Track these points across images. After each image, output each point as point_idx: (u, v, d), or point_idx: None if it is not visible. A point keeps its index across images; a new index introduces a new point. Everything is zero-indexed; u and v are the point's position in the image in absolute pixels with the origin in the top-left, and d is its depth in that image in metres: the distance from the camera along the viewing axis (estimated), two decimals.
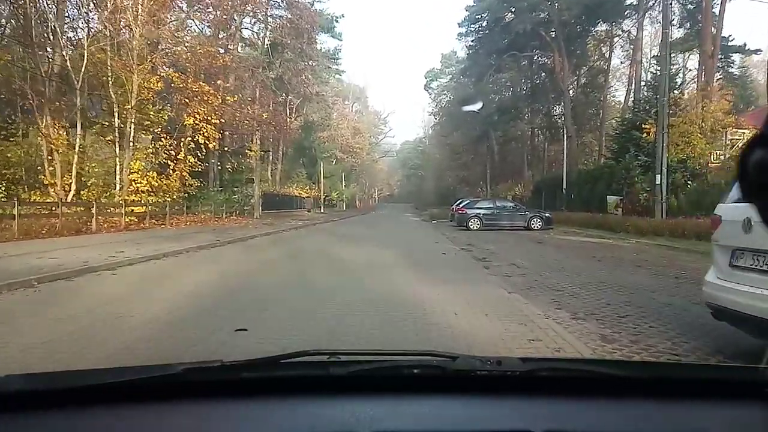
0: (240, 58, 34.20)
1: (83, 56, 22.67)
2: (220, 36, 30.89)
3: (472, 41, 40.99)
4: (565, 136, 34.46)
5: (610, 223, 20.30)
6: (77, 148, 18.36)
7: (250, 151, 30.21)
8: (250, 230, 19.63)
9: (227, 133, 33.19)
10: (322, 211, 53.60)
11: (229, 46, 33.11)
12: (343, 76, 69.42)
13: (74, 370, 1.36)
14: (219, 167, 35.13)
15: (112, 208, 19.54)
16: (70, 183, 18.21)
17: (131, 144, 20.72)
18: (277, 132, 31.80)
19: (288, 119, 37.08)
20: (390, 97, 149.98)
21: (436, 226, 27.08)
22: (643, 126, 24.10)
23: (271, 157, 49.64)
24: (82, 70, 17.91)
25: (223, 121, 22.91)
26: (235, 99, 23.69)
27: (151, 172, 21.55)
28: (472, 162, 61.38)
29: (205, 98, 22.29)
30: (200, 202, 31.23)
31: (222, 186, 35.93)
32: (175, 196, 27.06)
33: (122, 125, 20.67)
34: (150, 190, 21.44)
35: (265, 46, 41.31)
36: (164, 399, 1.12)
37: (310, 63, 36.07)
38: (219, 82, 23.66)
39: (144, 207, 20.55)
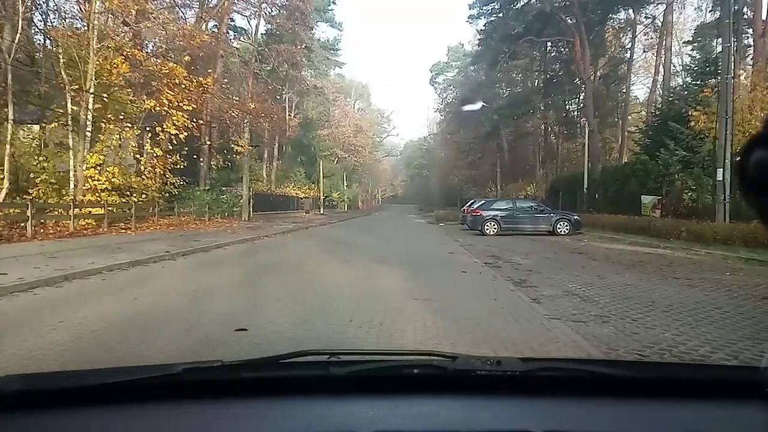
0: (227, 43, 31.17)
1: (46, 36, 19.75)
2: (205, 19, 27.77)
3: (483, 25, 37.68)
4: (587, 130, 31.12)
5: (656, 227, 16.98)
6: (9, 138, 15.19)
7: (237, 145, 26.99)
8: (225, 236, 16.44)
9: (215, 126, 30.17)
10: (321, 212, 50.34)
11: (213, 30, 30.07)
12: (345, 73, 66.54)
13: (74, 370, 1.29)
14: (205, 164, 32.13)
15: (60, 210, 16.41)
16: (2, 179, 15.07)
17: (87, 134, 17.58)
18: (267, 125, 28.55)
19: (283, 112, 33.70)
20: (394, 96, 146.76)
21: (446, 230, 23.83)
22: (690, 114, 20.74)
23: (266, 155, 46.59)
24: (15, 41, 14.71)
25: (195, 107, 19.64)
26: (209, 81, 20.31)
27: (111, 168, 18.37)
28: (480, 161, 58.11)
29: (177, 81, 19.10)
30: (186, 203, 28.41)
31: (210, 185, 32.95)
32: (153, 196, 24.17)
33: (81, 113, 17.59)
34: (110, 188, 18.27)
35: (258, 36, 38.32)
36: (164, 399, 1.11)
37: (303, 48, 32.73)
38: (186, 58, 20.39)
39: (102, 208, 17.37)
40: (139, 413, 1.09)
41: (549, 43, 41.19)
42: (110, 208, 17.90)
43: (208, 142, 27.38)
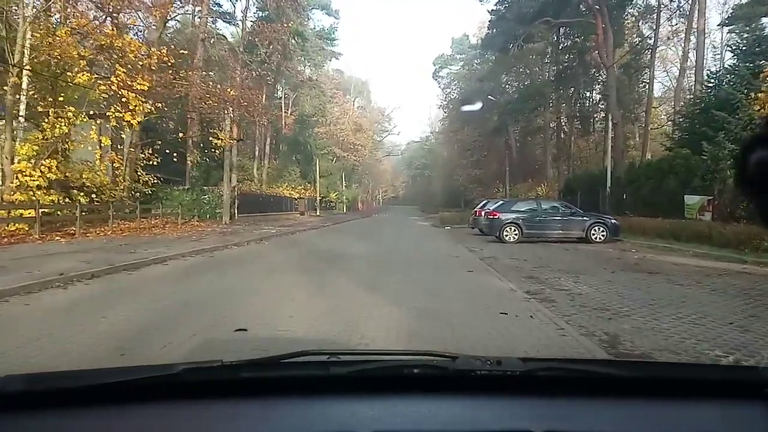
0: (207, 26, 27.92)
1: None
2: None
3: (495, 4, 34.12)
4: (610, 122, 27.80)
5: (722, 235, 13.56)
6: None
7: (217, 139, 23.64)
8: (184, 245, 13.11)
9: (192, 118, 26.94)
10: (317, 213, 47.04)
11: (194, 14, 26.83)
12: (344, 69, 63.31)
13: (74, 370, 1.28)
14: (190, 161, 28.94)
15: None
16: None
17: (17, 119, 14.29)
18: (252, 115, 25.23)
19: (268, 101, 30.19)
20: (395, 93, 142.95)
21: (454, 235, 20.51)
22: (754, 96, 17.41)
23: (258, 152, 43.31)
24: None
25: (149, 87, 16.26)
26: (164, 53, 16.90)
27: (48, 161, 15.01)
28: (486, 159, 54.76)
29: (133, 56, 15.76)
30: (163, 204, 25.36)
31: (191, 184, 29.68)
32: (120, 196, 21.12)
33: (8, 94, 14.28)
34: (48, 186, 14.95)
35: (248, 23, 35.13)
36: (164, 399, 1.11)
37: (290, 26, 29.37)
38: (131, 21, 17.01)
39: (35, 210, 14.05)
40: (139, 413, 1.07)
41: (562, 31, 37.93)
42: (45, 210, 14.63)
43: (182, 135, 23.98)
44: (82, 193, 16.40)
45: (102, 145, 15.67)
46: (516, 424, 1.06)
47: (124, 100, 14.80)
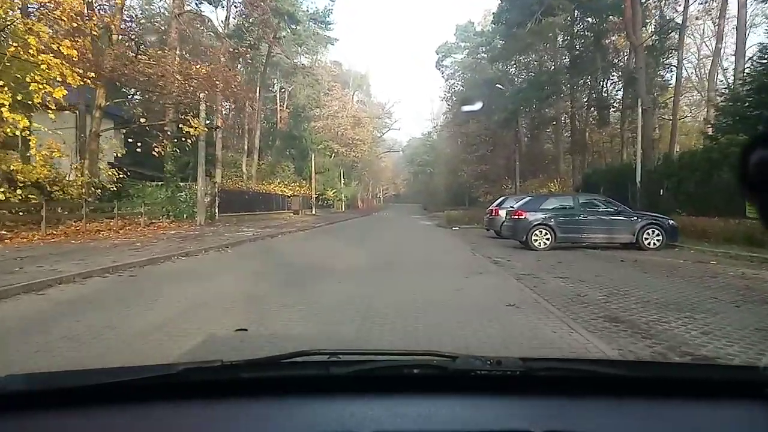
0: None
1: None
2: None
3: None
4: (640, 108, 24.39)
5: None
6: None
7: (190, 127, 20.32)
8: (112, 255, 9.76)
9: (165, 103, 23.67)
10: (313, 212, 43.75)
11: None
12: (343, 62, 60.01)
13: (74, 370, 1.28)
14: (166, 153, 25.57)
15: None
16: None
17: None
18: (225, 96, 21.94)
19: (236, 79, 26.55)
20: (395, 89, 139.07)
21: (466, 239, 17.18)
22: None
23: (247, 145, 40.00)
24: None
25: (114, 69, 12.86)
26: (112, 17, 13.50)
27: None
28: (492, 154, 51.40)
29: (65, 16, 12.41)
30: (133, 201, 22.20)
31: (165, 179, 26.33)
32: (80, 192, 18.07)
33: None
34: None
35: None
36: (164, 399, 1.11)
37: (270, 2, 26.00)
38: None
39: None
40: (139, 413, 1.07)
41: (577, 14, 34.65)
42: None
43: (144, 121, 20.72)
44: (1, 189, 13.08)
45: (25, 128, 12.13)
46: (516, 424, 1.04)
47: (44, 67, 11.41)
